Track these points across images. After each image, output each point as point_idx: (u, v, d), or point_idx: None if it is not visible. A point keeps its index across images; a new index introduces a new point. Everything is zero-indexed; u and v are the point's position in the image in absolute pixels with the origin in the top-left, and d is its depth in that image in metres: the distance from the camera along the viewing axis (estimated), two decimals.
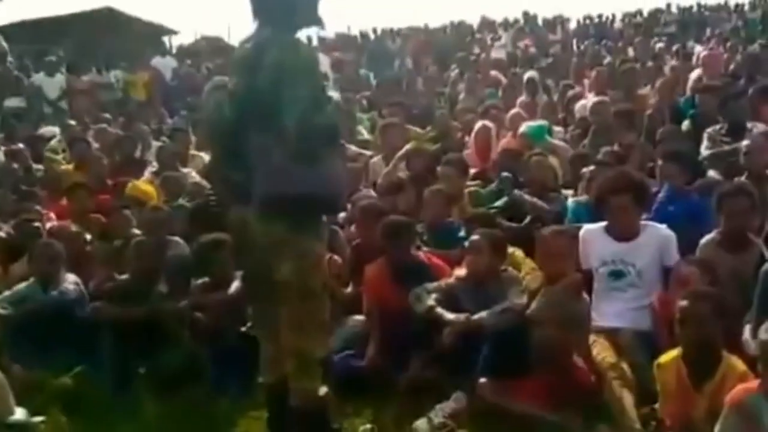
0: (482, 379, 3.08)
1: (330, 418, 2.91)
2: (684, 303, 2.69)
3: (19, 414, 3.12)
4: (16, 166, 6.36)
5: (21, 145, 7.11)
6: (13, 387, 3.24)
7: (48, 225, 4.73)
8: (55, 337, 3.71)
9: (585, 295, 3.30)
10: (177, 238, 4.29)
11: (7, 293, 3.94)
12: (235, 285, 3.70)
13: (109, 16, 17.32)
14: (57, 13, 17.28)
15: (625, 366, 3.09)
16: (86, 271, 4.21)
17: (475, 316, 3.21)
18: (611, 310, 3.39)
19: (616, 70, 7.61)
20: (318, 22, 2.77)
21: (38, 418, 3.23)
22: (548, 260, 3.30)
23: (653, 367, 2.82)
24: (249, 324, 3.50)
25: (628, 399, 2.94)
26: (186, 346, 3.75)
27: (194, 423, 3.28)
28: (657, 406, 2.85)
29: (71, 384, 3.59)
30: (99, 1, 17.77)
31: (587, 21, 15.20)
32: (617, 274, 3.43)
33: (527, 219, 4.23)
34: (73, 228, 4.55)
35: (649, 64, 8.80)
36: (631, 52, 10.54)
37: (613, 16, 15.52)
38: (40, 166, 6.62)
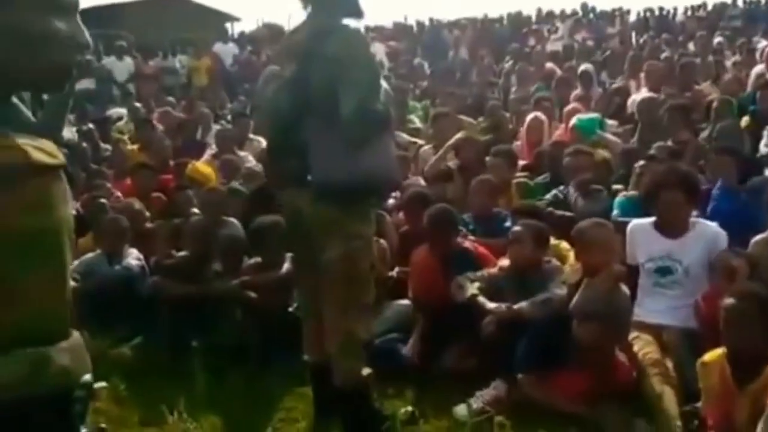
0: (520, 375, 3.08)
1: (371, 398, 2.98)
2: (730, 301, 2.65)
3: (88, 377, 3.31)
4: (85, 145, 6.66)
5: (91, 126, 7.42)
6: None
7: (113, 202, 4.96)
8: (118, 308, 3.91)
9: (626, 289, 3.28)
10: (232, 219, 4.41)
11: (74, 263, 4.17)
12: (285, 266, 3.83)
13: (175, 2, 17.82)
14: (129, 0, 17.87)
15: (668, 363, 3.07)
16: (148, 247, 4.39)
17: (516, 306, 3.21)
18: (656, 307, 3.36)
19: (674, 64, 7.45)
20: (359, 13, 2.82)
21: (100, 384, 3.43)
22: (586, 252, 3.26)
23: (697, 366, 2.80)
24: (295, 305, 3.63)
25: (669, 396, 2.91)
26: (237, 323, 3.90)
27: (243, 397, 3.38)
28: (699, 405, 2.81)
29: (130, 354, 3.79)
30: None
31: (647, 13, 14.82)
32: (664, 271, 3.39)
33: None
34: (137, 205, 4.72)
35: (710, 58, 8.57)
36: (692, 46, 10.27)
37: (675, 9, 15.08)
38: (108, 146, 6.91)
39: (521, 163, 5.21)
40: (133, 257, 4.15)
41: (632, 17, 15.03)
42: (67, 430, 1.00)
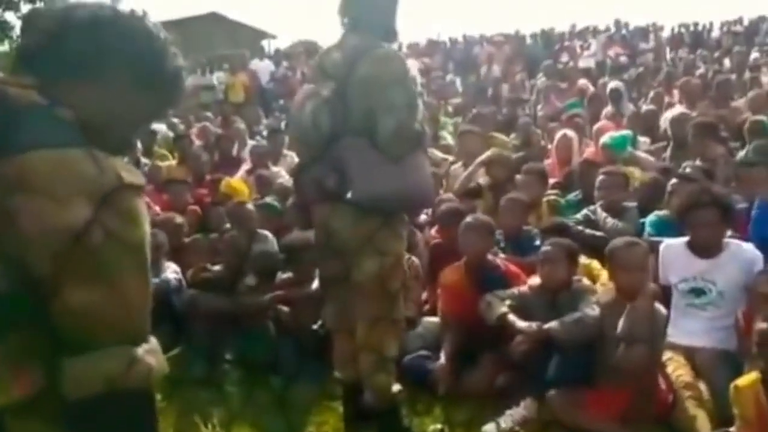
0: (552, 392, 3.06)
1: (401, 415, 3.02)
2: (764, 326, 2.62)
3: None
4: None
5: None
6: None
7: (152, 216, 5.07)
8: (156, 321, 3.99)
9: (663, 309, 3.25)
10: (266, 233, 4.46)
11: None
12: (317, 282, 3.89)
13: (213, 20, 18.22)
14: (166, 17, 18.34)
15: (701, 386, 3.04)
16: (185, 261, 4.48)
17: (547, 326, 3.19)
18: (690, 328, 3.32)
19: (709, 81, 7.38)
20: (394, 37, 2.89)
21: None
22: (622, 273, 3.21)
23: (731, 390, 2.76)
24: (320, 322, 3.66)
25: (702, 419, 2.88)
26: (269, 337, 3.96)
27: (275, 410, 3.43)
28: (733, 429, 2.76)
29: (167, 365, 3.86)
30: (205, 7, 18.75)
31: (682, 29, 14.66)
32: (697, 292, 3.35)
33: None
34: (177, 220, 4.82)
35: (747, 75, 8.46)
36: (728, 62, 10.15)
37: (711, 24, 14.90)
38: (147, 161, 7.10)
39: (552, 180, 5.20)
40: (170, 270, 4.24)
41: (666, 33, 14.91)
42: (149, 425, 1.10)
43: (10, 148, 0.99)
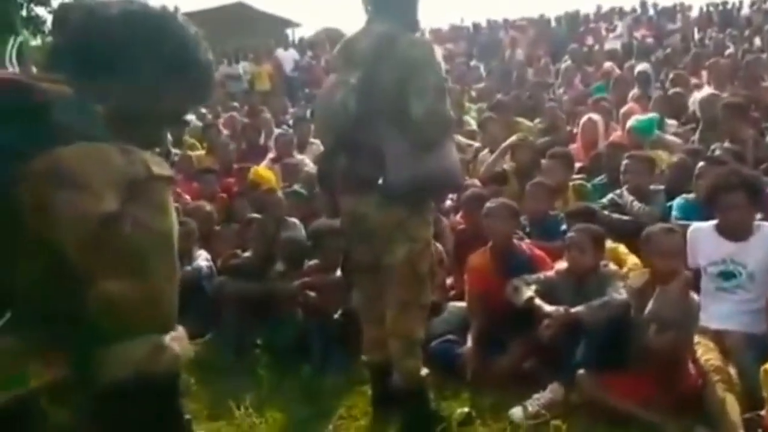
0: (581, 371, 3.07)
1: (428, 398, 3.04)
2: None
3: None
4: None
5: None
6: None
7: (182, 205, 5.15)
8: (187, 307, 4.06)
9: (695, 295, 3.25)
10: (294, 220, 4.52)
11: None
12: (340, 269, 3.93)
13: (239, 10, 18.32)
14: (193, 8, 18.49)
15: (731, 369, 3.03)
16: (214, 249, 4.56)
17: (574, 310, 3.20)
18: (719, 312, 3.29)
19: (738, 61, 7.24)
20: (416, 27, 2.90)
21: None
22: (658, 259, 3.18)
23: (761, 373, 2.75)
24: (340, 311, 3.70)
25: (731, 403, 2.86)
26: (298, 323, 4.02)
27: (303, 394, 3.50)
28: (763, 412, 2.75)
29: (198, 350, 3.96)
30: None
31: (711, 8, 14.36)
32: (727, 275, 3.32)
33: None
34: (207, 208, 4.90)
35: None
36: (758, 41, 9.94)
37: (741, 2, 14.55)
38: (178, 151, 7.19)
39: (578, 165, 5.18)
40: (202, 258, 4.32)
41: (694, 12, 14.62)
42: (176, 412, 1.13)
43: (43, 143, 1.02)
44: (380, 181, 2.71)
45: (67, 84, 1.10)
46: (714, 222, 3.44)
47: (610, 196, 4.39)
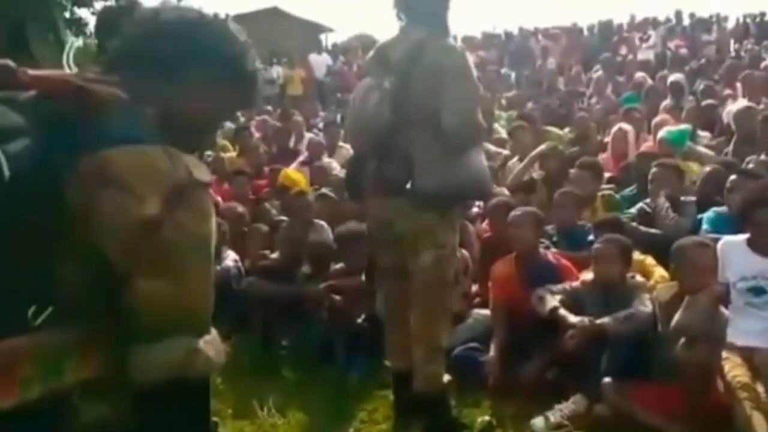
0: (607, 380, 3.04)
1: (450, 406, 3.05)
2: None
3: None
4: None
5: None
6: None
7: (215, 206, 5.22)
8: (215, 308, 4.12)
9: (724, 310, 3.21)
10: (322, 223, 4.55)
11: None
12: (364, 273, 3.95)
13: (274, 15, 18.52)
14: (228, 12, 18.76)
15: (759, 387, 2.98)
16: (243, 250, 4.61)
17: (599, 321, 3.18)
18: (748, 328, 3.23)
19: None
20: (447, 32, 2.90)
21: None
22: (689, 273, 3.15)
23: None
24: (363, 316, 3.72)
25: (758, 421, 2.81)
26: (323, 325, 4.05)
27: (328, 396, 3.52)
28: None
29: (226, 350, 4.00)
30: (267, 2, 19.03)
31: (747, 20, 14.10)
32: (757, 291, 3.25)
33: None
34: (239, 209, 4.96)
35: None
36: None
37: None
38: (210, 152, 7.30)
39: (607, 175, 5.14)
40: (230, 258, 4.38)
41: (731, 24, 14.38)
42: (206, 414, 1.16)
43: (93, 144, 1.05)
44: (408, 186, 2.73)
45: (120, 86, 1.13)
46: (745, 236, 3.39)
47: (639, 205, 4.35)
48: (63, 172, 1.04)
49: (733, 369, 3.05)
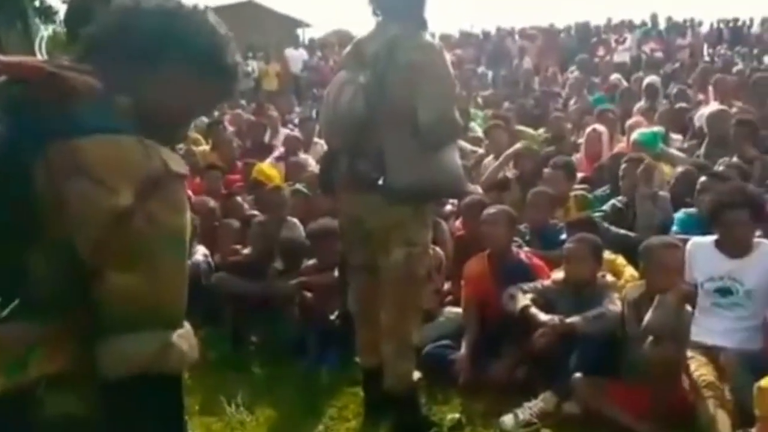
0: (577, 376, 3.06)
1: (420, 403, 3.05)
2: None
3: None
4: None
5: None
6: None
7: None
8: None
9: (689, 308, 3.24)
10: (295, 220, 4.52)
11: None
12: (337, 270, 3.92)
13: (250, 9, 18.38)
14: (204, 4, 18.56)
15: (724, 386, 3.02)
16: (214, 244, 4.57)
17: (569, 320, 3.20)
18: (714, 328, 3.26)
19: (746, 78, 7.23)
20: (425, 25, 2.88)
21: None
22: (656, 273, 3.20)
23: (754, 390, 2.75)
24: (336, 313, 3.70)
25: (722, 419, 2.84)
26: (294, 321, 4.03)
27: (297, 393, 3.50)
28: (754, 430, 2.72)
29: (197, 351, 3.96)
30: None
31: (721, 25, 14.33)
32: (724, 291, 3.30)
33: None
34: (211, 204, 4.91)
35: None
36: (767, 59, 9.94)
37: (752, 20, 14.52)
38: (182, 145, 7.19)
39: (580, 175, 5.18)
40: (200, 253, 4.33)
41: (705, 28, 14.60)
42: (178, 410, 1.13)
43: (65, 132, 1.02)
44: (381, 183, 2.71)
45: (95, 74, 1.10)
46: (713, 237, 3.42)
47: (611, 202, 4.38)
48: (31, 160, 1.01)
49: (699, 368, 3.08)
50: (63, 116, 1.04)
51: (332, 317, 3.90)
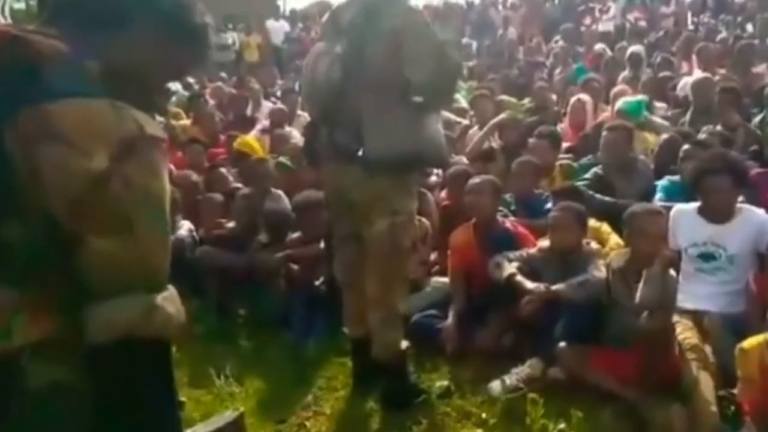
0: (562, 344, 3.09)
1: (408, 371, 3.08)
2: None
3: None
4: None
5: None
6: None
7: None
8: (170, 277, 4.06)
9: (674, 273, 3.27)
10: (279, 192, 4.50)
11: None
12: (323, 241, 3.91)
13: None
14: None
15: (707, 349, 3.06)
16: (198, 218, 4.53)
17: (554, 287, 3.23)
18: (698, 293, 3.31)
19: (729, 46, 7.24)
20: None
21: None
22: (640, 240, 3.20)
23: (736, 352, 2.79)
24: (321, 278, 3.69)
25: (706, 381, 2.89)
26: (280, 293, 4.03)
27: (286, 364, 3.52)
28: (737, 390, 2.77)
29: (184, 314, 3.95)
30: None
31: None
32: (707, 257, 3.34)
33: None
34: (193, 178, 4.87)
35: None
36: (750, 28, 9.93)
37: None
38: (162, 119, 7.11)
39: (566, 144, 5.18)
40: (185, 228, 4.30)
41: None
42: (168, 376, 1.12)
43: (35, 97, 1.00)
44: (360, 154, 2.69)
45: (61, 39, 1.08)
46: (696, 204, 3.45)
47: (593, 170, 4.39)
48: (0, 128, 0.99)
49: (684, 331, 3.13)
50: (32, 82, 1.02)
51: (317, 283, 3.88)
